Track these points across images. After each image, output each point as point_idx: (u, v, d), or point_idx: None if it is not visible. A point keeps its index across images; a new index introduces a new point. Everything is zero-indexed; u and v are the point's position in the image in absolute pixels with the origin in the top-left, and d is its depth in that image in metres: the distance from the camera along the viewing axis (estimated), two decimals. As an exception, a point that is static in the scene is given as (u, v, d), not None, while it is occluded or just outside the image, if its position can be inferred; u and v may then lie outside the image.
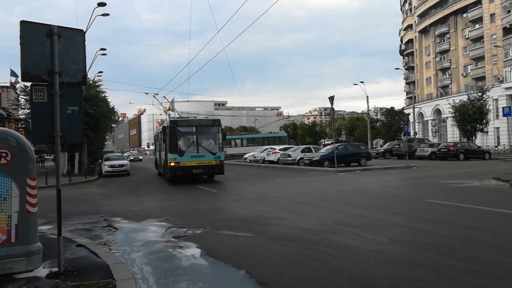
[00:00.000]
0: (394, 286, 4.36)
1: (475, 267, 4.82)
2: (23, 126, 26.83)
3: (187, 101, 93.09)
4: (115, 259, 5.52)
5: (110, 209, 10.92)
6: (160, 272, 5.08)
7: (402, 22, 71.37)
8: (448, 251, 5.58)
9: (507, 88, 45.25)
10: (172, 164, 17.28)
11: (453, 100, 42.14)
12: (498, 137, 47.26)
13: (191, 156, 17.43)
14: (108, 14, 23.98)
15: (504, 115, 36.16)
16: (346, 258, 5.40)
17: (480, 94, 38.64)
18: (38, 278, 4.72)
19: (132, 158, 59.63)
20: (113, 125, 37.23)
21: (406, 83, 72.20)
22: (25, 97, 25.47)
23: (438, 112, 58.25)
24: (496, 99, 46.26)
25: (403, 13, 71.78)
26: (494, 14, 48.29)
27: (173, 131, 17.69)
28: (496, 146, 43.61)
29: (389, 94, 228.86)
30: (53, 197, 5.19)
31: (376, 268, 4.94)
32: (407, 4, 69.10)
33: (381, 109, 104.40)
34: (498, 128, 47.00)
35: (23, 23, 4.71)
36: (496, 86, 46.61)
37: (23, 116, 27.12)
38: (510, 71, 45.16)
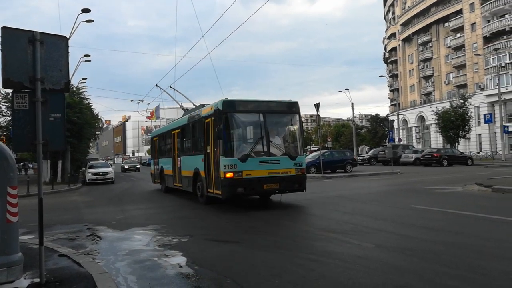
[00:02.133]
0: (379, 292, 4.37)
1: (459, 272, 4.87)
2: (4, 133, 26.31)
3: (173, 107, 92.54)
4: (99, 269, 5.42)
5: (93, 218, 10.74)
6: (145, 282, 5.01)
7: (386, 31, 72.56)
8: (432, 257, 5.63)
9: (488, 96, 46.28)
10: (230, 175, 10.26)
11: (436, 107, 42.95)
12: (480, 143, 48.24)
13: (259, 162, 10.60)
14: (92, 21, 23.78)
15: (485, 122, 36.96)
16: (332, 265, 5.41)
17: (462, 101, 39.47)
18: (18, 290, 4.60)
19: (127, 167, 47.73)
20: (97, 132, 36.83)
21: (390, 91, 73.25)
22: (6, 104, 25.02)
23: (421, 119, 59.18)
24: (478, 106, 47.26)
25: (386, 21, 73.01)
26: (474, 23, 49.49)
27: (228, 119, 10.64)
28: (478, 152, 44.51)
29: (373, 101, 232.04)
30: (34, 206, 5.08)
31: (361, 274, 4.95)
32: (390, 13, 70.34)
33: (366, 116, 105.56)
34: (480, 134, 47.99)
35: (5, 29, 4.62)
36: (478, 93, 47.64)
37: (4, 124, 26.60)
38: (490, 79, 46.21)
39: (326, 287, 4.58)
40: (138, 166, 49.21)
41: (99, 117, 35.13)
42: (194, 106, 17.47)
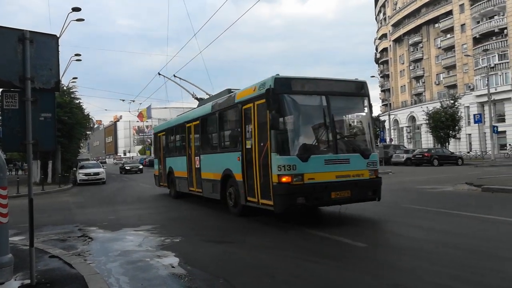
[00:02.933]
0: (372, 291, 4.39)
1: (450, 271, 4.91)
2: (-7, 133, 25.97)
3: (165, 107, 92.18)
4: (91, 270, 5.37)
5: (85, 219, 10.64)
6: (138, 282, 4.97)
7: (377, 31, 73.03)
8: (423, 255, 5.67)
9: (477, 96, 46.83)
10: (286, 179, 7.61)
11: (427, 107, 43.32)
12: (470, 143, 48.80)
13: (325, 162, 7.99)
14: (82, 19, 23.61)
15: (475, 122, 37.33)
16: (324, 264, 5.43)
17: (452, 101, 39.87)
18: (8, 292, 4.54)
19: (128, 167, 41.60)
20: (88, 132, 36.53)
21: (382, 91, 73.75)
22: (-5, 104, 24.64)
23: (412, 119, 59.67)
24: (468, 107, 47.80)
25: (378, 22, 73.49)
26: (464, 24, 50.02)
27: (282, 103, 7.91)
28: (468, 152, 44.96)
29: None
30: (25, 206, 5.02)
31: (357, 272, 4.97)
32: (381, 14, 70.81)
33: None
34: (470, 134, 48.53)
35: (-6, 28, 4.57)
36: (467, 94, 48.18)
37: (-6, 123, 26.23)
38: (480, 80, 46.74)
39: (318, 286, 4.60)
40: (141, 166, 42.62)
41: (90, 117, 34.83)
42: (207, 96, 15.49)
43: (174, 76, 19.56)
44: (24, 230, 7.90)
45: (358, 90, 9.00)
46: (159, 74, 20.70)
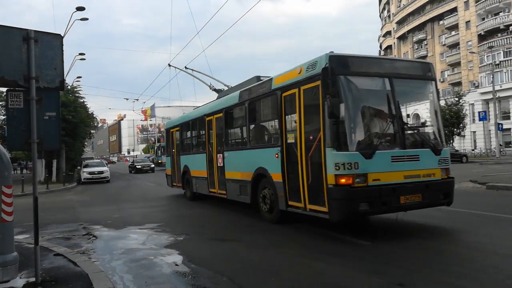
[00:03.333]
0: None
1: (452, 268, 4.90)
2: (-2, 132, 26.16)
3: (168, 106, 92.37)
4: (95, 268, 5.40)
5: (89, 217, 10.70)
6: (141, 280, 5.00)
7: (381, 29, 72.70)
8: (424, 252, 5.67)
9: (482, 93, 46.55)
10: (346, 180, 6.26)
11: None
12: (475, 141, 48.52)
13: (391, 159, 6.65)
14: (87, 19, 23.69)
15: (480, 120, 37.16)
16: (327, 262, 5.43)
17: (457, 99, 39.65)
18: (14, 289, 4.58)
19: (139, 166, 38.04)
20: (92, 131, 36.67)
21: (386, 88, 73.35)
22: (0, 103, 24.85)
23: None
24: (472, 104, 47.51)
25: (382, 20, 73.15)
26: (469, 21, 49.70)
27: (339, 86, 6.49)
28: (473, 150, 44.74)
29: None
30: (29, 205, 5.05)
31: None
32: (385, 11, 70.47)
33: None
34: (474, 132, 48.26)
35: (-2, 27, 4.60)
36: (472, 91, 47.89)
37: (-1, 123, 26.43)
38: (485, 77, 46.46)
39: (321, 284, 4.60)
40: (153, 165, 38.94)
41: (94, 115, 35.01)
42: (226, 87, 14.26)
43: (186, 68, 18.00)
44: (29, 229, 7.97)
45: (425, 72, 7.58)
46: (170, 65, 19.02)
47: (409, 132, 7.08)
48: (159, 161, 39.99)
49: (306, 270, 5.17)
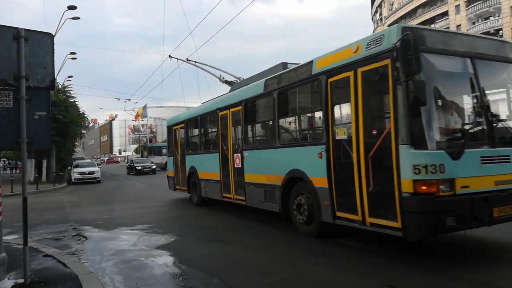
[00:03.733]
0: None
1: (445, 271, 4.94)
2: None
3: (161, 106, 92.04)
4: (85, 269, 5.36)
5: (79, 218, 10.60)
6: (132, 282, 4.97)
7: (373, 32, 73.17)
8: (417, 254, 5.71)
9: (472, 97, 47.02)
10: (428, 187, 4.84)
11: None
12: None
13: (480, 160, 5.18)
14: (78, 18, 23.51)
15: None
16: (318, 263, 5.44)
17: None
18: (2, 291, 4.53)
19: (139, 167, 34.36)
20: (83, 131, 36.33)
21: (377, 91, 73.86)
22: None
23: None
24: (462, 107, 47.96)
25: (374, 22, 73.69)
26: (460, 25, 50.23)
27: (418, 67, 4.83)
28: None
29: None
30: (19, 205, 5.00)
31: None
32: (378, 14, 71.02)
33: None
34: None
35: (-12, 25, 4.54)
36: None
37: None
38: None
39: (312, 285, 4.61)
40: (154, 166, 35.15)
41: (85, 115, 34.70)
42: (236, 80, 13.17)
43: (188, 60, 16.27)
44: (18, 229, 7.86)
45: (508, 53, 6.12)
46: (170, 56, 17.12)
47: (498, 126, 5.52)
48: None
49: (297, 271, 5.17)
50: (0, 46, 4.59)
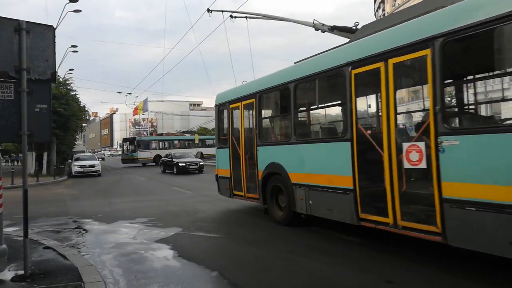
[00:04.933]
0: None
1: (444, 265, 4.97)
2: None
3: (161, 101, 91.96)
4: (85, 262, 5.39)
5: (79, 211, 10.64)
6: (131, 274, 4.99)
7: (375, 28, 72.96)
8: (415, 249, 5.73)
9: (474, 94, 46.83)
10: None
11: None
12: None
13: None
14: (80, 11, 23.44)
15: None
16: (316, 259, 5.47)
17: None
18: (3, 282, 4.55)
19: (183, 164, 25.08)
20: (83, 124, 36.30)
21: (379, 87, 73.74)
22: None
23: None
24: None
25: (376, 18, 73.44)
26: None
27: None
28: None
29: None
30: (19, 198, 5.02)
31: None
32: (380, 10, 70.75)
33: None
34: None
35: (-10, 18, 4.54)
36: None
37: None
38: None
39: (312, 281, 4.64)
40: (202, 162, 26.28)
41: (86, 109, 34.68)
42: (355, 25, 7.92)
43: (232, 16, 12.16)
44: (18, 221, 7.89)
45: None
46: (209, 10, 12.94)
47: None
48: (134, 157, 36.90)
49: (295, 267, 5.19)
50: (1, 38, 4.60)
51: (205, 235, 7.32)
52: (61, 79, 27.96)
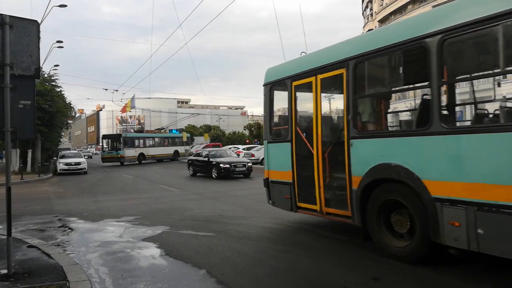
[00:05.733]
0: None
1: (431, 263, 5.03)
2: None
3: (149, 98, 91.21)
4: (70, 260, 5.32)
5: (65, 209, 10.50)
6: (118, 273, 4.94)
7: (364, 27, 73.42)
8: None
9: (459, 93, 47.55)
10: None
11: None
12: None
13: None
14: (65, 5, 23.06)
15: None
16: (303, 256, 5.49)
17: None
18: (-16, 281, 4.47)
19: (225, 166, 19.01)
20: (69, 121, 35.79)
21: (366, 86, 74.28)
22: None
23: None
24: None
25: (364, 17, 73.94)
26: (448, 22, 50.69)
27: None
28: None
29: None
30: (2, 196, 4.92)
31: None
32: (368, 9, 71.26)
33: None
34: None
35: (-29, 11, 4.44)
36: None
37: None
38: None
39: (298, 279, 4.66)
40: (250, 164, 20.61)
41: (72, 105, 34.21)
42: None
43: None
44: (1, 220, 7.75)
45: None
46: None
47: None
48: (120, 155, 34.41)
49: (282, 264, 5.21)
50: (-17, 32, 4.49)
51: (192, 233, 7.28)
52: (46, 75, 27.51)
